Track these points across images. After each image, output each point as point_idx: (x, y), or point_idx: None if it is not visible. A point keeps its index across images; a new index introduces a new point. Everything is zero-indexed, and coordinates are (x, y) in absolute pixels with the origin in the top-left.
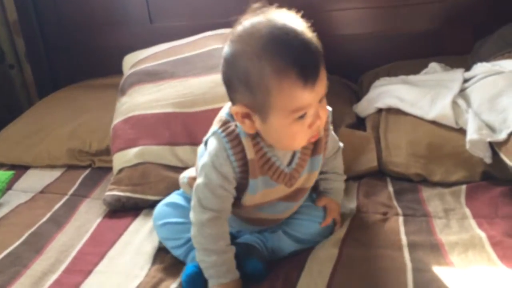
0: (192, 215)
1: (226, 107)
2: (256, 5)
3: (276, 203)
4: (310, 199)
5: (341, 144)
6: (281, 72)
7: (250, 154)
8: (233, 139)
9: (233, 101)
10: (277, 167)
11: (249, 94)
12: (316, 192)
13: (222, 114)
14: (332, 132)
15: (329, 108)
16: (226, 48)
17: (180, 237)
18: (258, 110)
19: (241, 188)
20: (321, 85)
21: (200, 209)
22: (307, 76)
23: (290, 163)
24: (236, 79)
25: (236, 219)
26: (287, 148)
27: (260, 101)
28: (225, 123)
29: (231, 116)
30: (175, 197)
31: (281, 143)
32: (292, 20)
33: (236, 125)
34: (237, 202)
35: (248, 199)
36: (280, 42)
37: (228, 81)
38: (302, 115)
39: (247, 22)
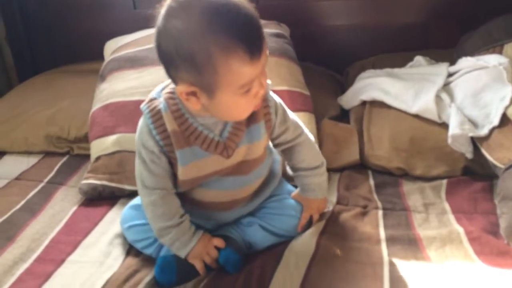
0: (141, 199)
1: (158, 87)
2: None
3: (222, 179)
4: (287, 192)
5: (312, 137)
6: (228, 50)
7: (170, 126)
8: (154, 114)
9: (175, 79)
10: (206, 136)
11: (195, 74)
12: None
13: (151, 93)
14: (293, 116)
15: (268, 81)
16: (162, 22)
17: (148, 236)
18: (205, 88)
19: (173, 162)
20: (265, 57)
21: (146, 191)
22: (254, 51)
23: (222, 132)
24: (179, 58)
25: (200, 211)
26: (233, 119)
27: (207, 80)
28: (150, 100)
29: (157, 93)
30: (139, 199)
31: (230, 116)
32: None
33: (159, 101)
34: (179, 181)
35: (182, 172)
36: (224, 18)
37: (169, 59)
38: (249, 88)
39: None
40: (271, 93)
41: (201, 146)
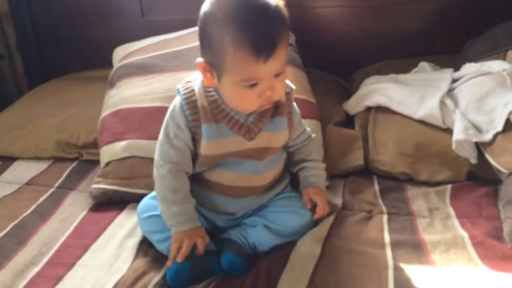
0: (154, 171)
1: (195, 74)
2: None
3: (240, 160)
4: (290, 191)
5: (313, 135)
6: (237, 43)
7: (200, 101)
8: (188, 92)
9: (201, 55)
10: (232, 116)
11: (210, 53)
12: (299, 186)
13: (188, 78)
14: (301, 120)
15: (293, 86)
16: (204, 6)
17: (163, 229)
18: (215, 68)
19: (198, 137)
20: (276, 62)
21: (160, 163)
22: (260, 52)
23: (248, 117)
24: (203, 37)
25: (215, 194)
26: (237, 109)
27: (217, 62)
28: (186, 82)
29: (194, 78)
30: None
31: (231, 103)
32: None
33: (195, 83)
34: (200, 159)
35: (206, 146)
36: (244, 15)
37: (200, 37)
38: (253, 84)
39: None
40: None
41: (227, 125)
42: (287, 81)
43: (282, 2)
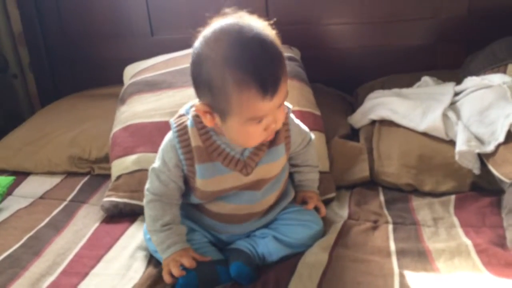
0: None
1: (188, 104)
2: (228, 9)
3: (239, 193)
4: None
5: (313, 136)
6: (242, 84)
7: (194, 142)
8: (181, 129)
9: (198, 97)
10: (227, 153)
11: (211, 97)
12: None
13: (181, 110)
14: (302, 126)
15: (289, 105)
16: (195, 46)
17: None
18: (218, 111)
19: (191, 175)
20: (280, 96)
21: (146, 193)
22: (267, 90)
23: (244, 151)
24: (200, 80)
25: (217, 222)
26: (242, 146)
27: (220, 105)
28: (179, 116)
29: (186, 110)
30: None
31: (237, 141)
32: (261, 31)
33: (188, 118)
34: (197, 193)
35: (201, 183)
36: (244, 55)
37: (194, 79)
38: (259, 120)
39: (218, 25)
40: (291, 116)
41: (222, 163)
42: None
43: (273, 32)
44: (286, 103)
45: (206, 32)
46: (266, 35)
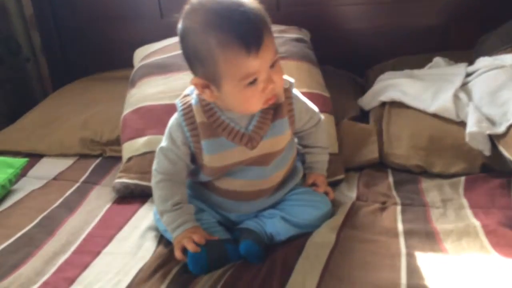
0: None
1: (192, 85)
2: None
3: (247, 168)
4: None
5: (322, 116)
6: (224, 44)
7: (199, 118)
8: (186, 107)
9: (194, 74)
10: (232, 128)
11: (201, 67)
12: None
13: (186, 90)
14: (309, 104)
15: (291, 79)
16: (178, 26)
17: None
18: (212, 80)
19: (198, 151)
20: (267, 52)
21: (154, 173)
22: (249, 44)
23: (248, 125)
24: (190, 54)
25: (225, 199)
26: (245, 112)
27: (211, 72)
28: (184, 97)
29: (191, 90)
30: None
31: (238, 108)
32: None
33: (192, 97)
34: (206, 170)
35: (208, 159)
36: (222, 15)
37: (185, 57)
38: (253, 81)
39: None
40: (295, 91)
41: (227, 137)
42: (285, 76)
43: None
44: (288, 77)
45: (185, 9)
46: None
